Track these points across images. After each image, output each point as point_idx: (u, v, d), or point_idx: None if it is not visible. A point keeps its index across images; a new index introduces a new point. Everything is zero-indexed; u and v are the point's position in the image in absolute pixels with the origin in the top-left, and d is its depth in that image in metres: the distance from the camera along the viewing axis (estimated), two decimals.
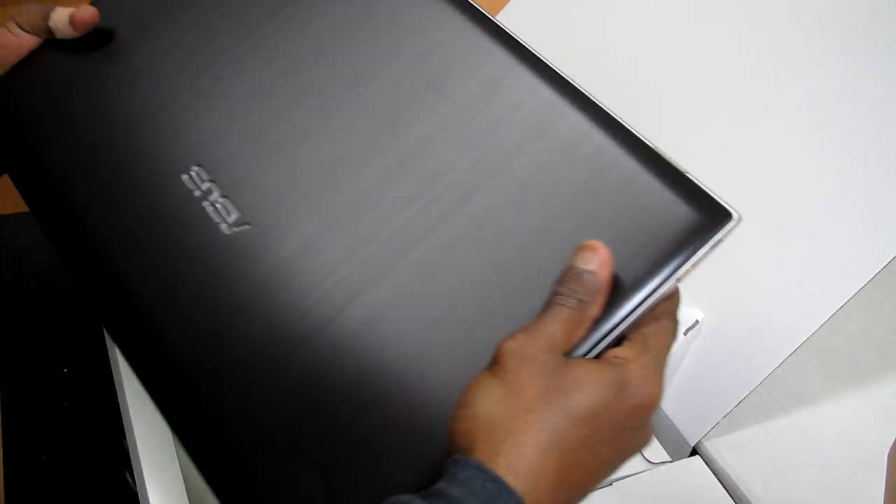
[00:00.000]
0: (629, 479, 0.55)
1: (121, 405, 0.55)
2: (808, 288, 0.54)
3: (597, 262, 0.35)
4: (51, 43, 0.59)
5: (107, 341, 0.58)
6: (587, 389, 0.34)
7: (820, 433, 0.58)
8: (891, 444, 0.40)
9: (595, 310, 0.35)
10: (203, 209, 0.49)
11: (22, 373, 0.72)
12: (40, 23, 0.57)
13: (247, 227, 0.47)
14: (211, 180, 0.50)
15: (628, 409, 0.34)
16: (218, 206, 0.48)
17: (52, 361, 0.74)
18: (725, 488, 0.55)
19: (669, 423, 0.58)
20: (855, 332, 0.63)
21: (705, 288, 0.58)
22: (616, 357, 0.35)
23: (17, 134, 0.57)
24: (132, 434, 0.52)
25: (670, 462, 0.57)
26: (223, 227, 0.48)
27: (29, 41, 0.58)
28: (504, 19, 0.52)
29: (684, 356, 0.58)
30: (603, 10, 0.71)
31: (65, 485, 0.65)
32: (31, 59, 0.60)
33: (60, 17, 0.57)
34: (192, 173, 0.50)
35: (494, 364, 0.35)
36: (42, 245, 0.86)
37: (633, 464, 0.53)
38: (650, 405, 0.35)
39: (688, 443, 0.56)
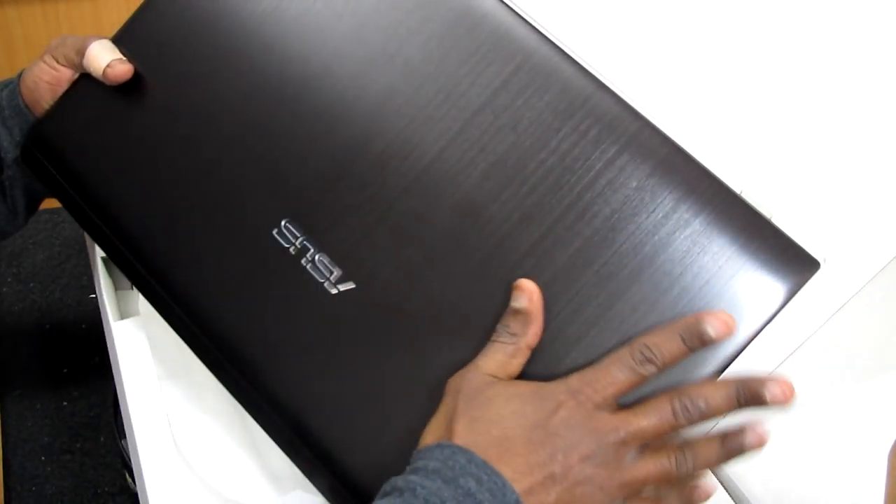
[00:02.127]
0: None
1: (121, 405, 0.55)
2: (808, 288, 0.54)
3: (526, 299, 0.41)
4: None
5: (107, 341, 0.58)
6: (504, 392, 0.40)
7: (820, 433, 0.58)
8: (891, 444, 0.40)
9: (528, 339, 0.41)
10: (303, 267, 0.48)
11: (22, 373, 0.72)
12: (75, 59, 0.56)
13: (350, 285, 0.47)
14: (304, 235, 0.49)
15: (544, 408, 0.40)
16: (318, 262, 0.48)
17: (52, 361, 0.74)
18: (725, 488, 0.55)
19: None
20: (855, 332, 0.63)
21: None
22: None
23: (73, 174, 0.55)
24: (132, 434, 0.52)
25: None
26: (327, 285, 0.47)
27: (66, 73, 0.57)
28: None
29: None
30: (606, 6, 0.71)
31: (65, 485, 0.65)
32: (77, 95, 0.56)
33: (94, 65, 0.54)
34: (283, 227, 0.49)
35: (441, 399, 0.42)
36: (42, 245, 0.86)
37: None
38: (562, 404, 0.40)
39: None
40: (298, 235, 0.49)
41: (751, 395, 0.39)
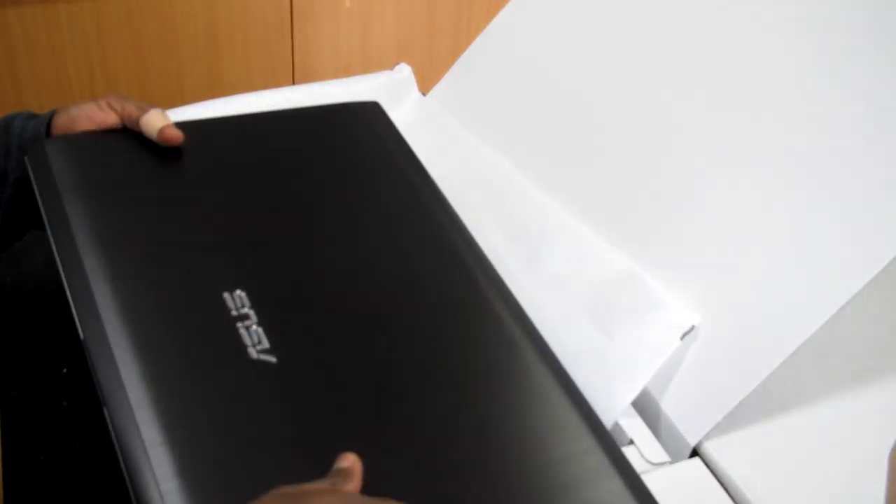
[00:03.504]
0: None
1: None
2: (808, 288, 0.54)
3: (348, 462, 0.46)
4: (127, 129, 0.62)
5: None
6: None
7: (820, 433, 0.58)
8: (891, 444, 0.40)
9: (349, 486, 0.45)
10: (236, 329, 0.51)
11: (22, 373, 0.72)
12: (134, 113, 0.61)
13: (272, 358, 0.50)
14: (252, 307, 0.52)
15: None
16: (252, 331, 0.51)
17: (52, 361, 0.74)
18: (726, 489, 0.55)
19: (669, 423, 0.58)
20: (854, 333, 0.63)
21: (705, 288, 0.58)
22: None
23: (57, 193, 0.58)
24: None
25: (670, 463, 0.57)
26: (251, 350, 0.50)
27: (112, 120, 0.62)
28: (497, 26, 0.52)
29: (683, 358, 0.58)
30: (599, 15, 0.71)
31: (65, 485, 0.65)
32: (101, 133, 0.62)
33: (152, 122, 0.60)
34: (235, 294, 0.53)
35: None
36: (42, 245, 0.86)
37: (634, 465, 0.53)
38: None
39: (688, 443, 0.56)
40: (246, 305, 0.52)
41: None
